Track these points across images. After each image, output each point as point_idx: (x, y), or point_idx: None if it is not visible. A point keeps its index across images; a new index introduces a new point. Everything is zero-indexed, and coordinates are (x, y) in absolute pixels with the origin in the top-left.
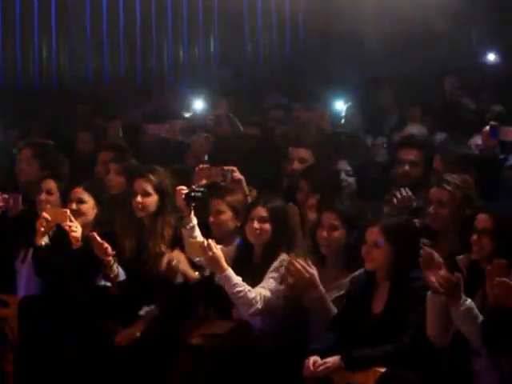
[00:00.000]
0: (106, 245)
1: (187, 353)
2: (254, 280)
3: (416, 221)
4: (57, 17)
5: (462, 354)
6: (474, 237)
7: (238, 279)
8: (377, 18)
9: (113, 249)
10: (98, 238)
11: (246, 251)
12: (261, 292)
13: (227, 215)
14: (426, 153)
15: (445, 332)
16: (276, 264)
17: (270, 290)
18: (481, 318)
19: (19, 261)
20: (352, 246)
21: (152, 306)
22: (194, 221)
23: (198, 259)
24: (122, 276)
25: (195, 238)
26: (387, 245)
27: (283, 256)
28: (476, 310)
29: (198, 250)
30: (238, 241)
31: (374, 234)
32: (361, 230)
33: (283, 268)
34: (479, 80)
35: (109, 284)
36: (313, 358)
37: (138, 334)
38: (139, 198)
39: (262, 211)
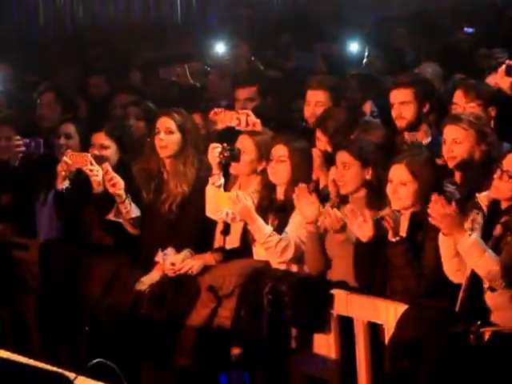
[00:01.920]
0: (117, 177)
1: (208, 293)
2: (278, 221)
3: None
4: None
5: (477, 290)
6: (497, 175)
7: (268, 229)
8: None
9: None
10: (110, 169)
11: (269, 192)
12: (290, 240)
13: (252, 155)
14: (423, 89)
15: (460, 270)
16: None
17: (299, 237)
18: (490, 252)
19: (40, 203)
20: (371, 185)
21: (168, 249)
22: (222, 179)
23: (222, 214)
24: (135, 213)
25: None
26: (414, 182)
27: None
28: (483, 244)
29: (227, 201)
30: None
31: (399, 171)
32: (377, 168)
33: None
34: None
35: (119, 220)
36: None
37: (157, 279)
38: (162, 135)
39: (282, 149)
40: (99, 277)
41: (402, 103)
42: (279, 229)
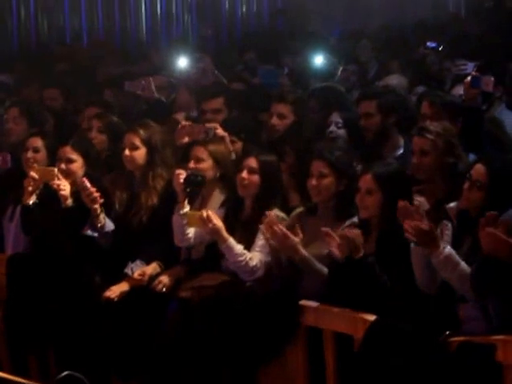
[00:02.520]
0: (94, 191)
1: (176, 305)
2: (245, 236)
3: None
4: None
5: (448, 301)
6: (466, 186)
7: (239, 248)
8: None
9: (103, 203)
10: (88, 184)
11: (236, 206)
12: (261, 259)
13: (207, 163)
14: (387, 101)
15: (432, 281)
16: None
17: (269, 254)
18: (463, 264)
19: (7, 218)
20: (342, 195)
21: (137, 262)
22: (187, 208)
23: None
24: (110, 227)
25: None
26: (379, 192)
27: (275, 211)
28: (457, 257)
29: (198, 221)
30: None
31: (366, 181)
32: (351, 179)
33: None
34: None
35: (95, 234)
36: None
37: (127, 289)
38: (127, 152)
39: (252, 162)
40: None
41: (367, 115)
42: (247, 243)
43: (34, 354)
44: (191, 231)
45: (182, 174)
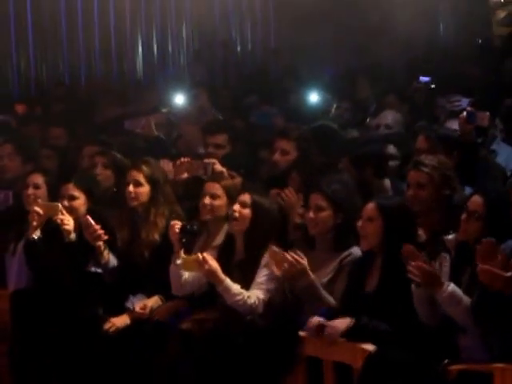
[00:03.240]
0: (98, 228)
1: (176, 338)
2: (241, 276)
3: None
4: (33, 25)
5: (450, 332)
6: (464, 217)
7: (236, 288)
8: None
9: (107, 240)
10: (92, 222)
11: (228, 246)
12: (259, 296)
13: (222, 200)
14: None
15: (433, 315)
16: (266, 258)
17: (267, 290)
18: (466, 298)
19: (9, 254)
20: (340, 227)
21: (138, 295)
22: (181, 260)
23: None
24: (114, 263)
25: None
26: (380, 220)
27: (272, 248)
28: (460, 292)
29: (194, 265)
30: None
31: (369, 209)
32: (348, 212)
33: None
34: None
35: (99, 270)
36: (317, 318)
37: (128, 322)
38: (131, 188)
39: (245, 197)
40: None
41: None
42: (242, 283)
43: None
44: (188, 277)
45: (177, 225)
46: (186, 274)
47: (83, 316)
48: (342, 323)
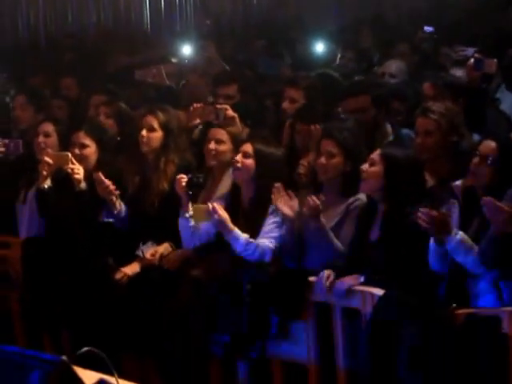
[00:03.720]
0: (110, 184)
1: (186, 284)
2: (248, 225)
3: None
4: None
5: (460, 277)
6: (475, 161)
7: (245, 238)
8: None
9: (116, 186)
10: (103, 178)
11: (234, 194)
12: (268, 245)
13: (227, 145)
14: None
15: (444, 263)
16: (272, 206)
17: (275, 238)
18: (475, 246)
19: (20, 203)
20: (348, 174)
21: (148, 243)
22: (191, 211)
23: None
24: (125, 211)
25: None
26: (382, 165)
27: None
28: (469, 240)
29: (204, 214)
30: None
31: (374, 154)
32: (357, 160)
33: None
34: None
35: (112, 220)
36: (329, 272)
37: (138, 270)
38: (144, 133)
39: (247, 147)
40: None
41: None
42: (250, 231)
43: (48, 332)
44: (197, 228)
45: (183, 178)
46: (194, 224)
47: (94, 265)
48: (351, 281)
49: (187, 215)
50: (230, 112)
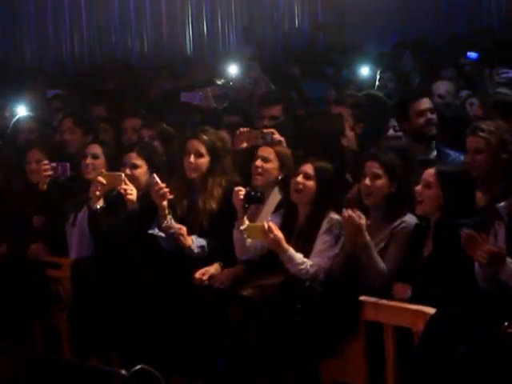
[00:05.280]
0: (164, 187)
1: (237, 303)
2: (301, 244)
3: None
4: (86, 3)
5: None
6: None
7: (299, 257)
8: None
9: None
10: (158, 180)
11: (291, 214)
12: (320, 264)
13: (274, 164)
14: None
15: (493, 282)
16: (326, 225)
17: (328, 258)
18: None
19: (69, 224)
20: (393, 197)
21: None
22: (247, 223)
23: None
24: (175, 229)
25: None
26: (439, 186)
27: (331, 214)
28: None
29: (259, 233)
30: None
31: (428, 174)
32: (403, 181)
33: (334, 228)
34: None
35: (162, 234)
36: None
37: (219, 269)
38: (192, 159)
39: (308, 168)
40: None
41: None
42: (303, 250)
43: (97, 355)
44: (251, 242)
45: (241, 191)
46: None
47: (143, 290)
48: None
49: (242, 228)
50: (277, 136)
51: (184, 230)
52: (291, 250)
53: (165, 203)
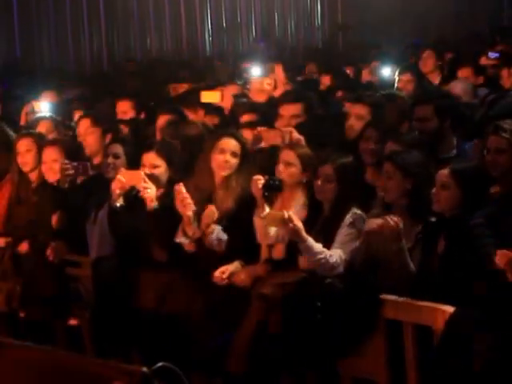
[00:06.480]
0: (189, 199)
1: (260, 301)
2: (323, 236)
3: None
4: (105, 5)
5: None
6: None
7: (318, 246)
8: None
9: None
10: (183, 189)
11: (316, 208)
12: (341, 255)
13: (297, 168)
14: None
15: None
16: (349, 218)
17: (349, 250)
18: None
19: (90, 222)
20: (412, 194)
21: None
22: (267, 210)
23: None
24: (199, 233)
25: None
26: (455, 188)
27: (354, 210)
28: None
29: (279, 222)
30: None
31: (442, 175)
32: (418, 177)
33: (357, 222)
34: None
35: (187, 241)
36: None
37: (239, 267)
38: (228, 157)
39: (328, 169)
40: (152, 290)
41: (423, 119)
42: (325, 242)
43: (119, 354)
44: (272, 230)
45: (260, 180)
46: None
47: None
48: None
49: (262, 215)
50: (296, 134)
51: (211, 229)
52: (310, 240)
53: (189, 213)
